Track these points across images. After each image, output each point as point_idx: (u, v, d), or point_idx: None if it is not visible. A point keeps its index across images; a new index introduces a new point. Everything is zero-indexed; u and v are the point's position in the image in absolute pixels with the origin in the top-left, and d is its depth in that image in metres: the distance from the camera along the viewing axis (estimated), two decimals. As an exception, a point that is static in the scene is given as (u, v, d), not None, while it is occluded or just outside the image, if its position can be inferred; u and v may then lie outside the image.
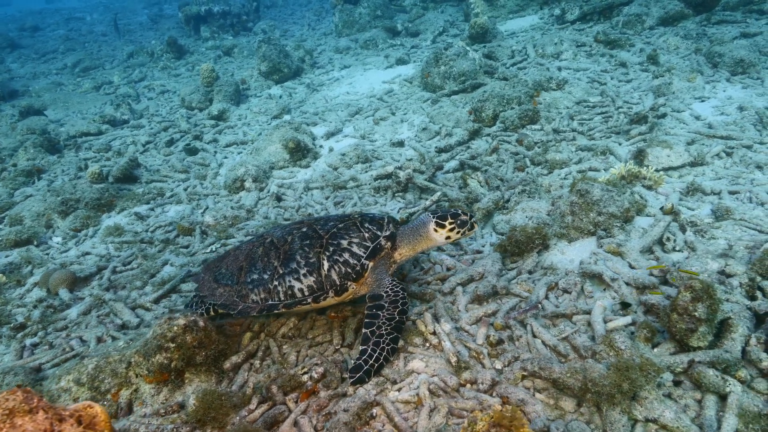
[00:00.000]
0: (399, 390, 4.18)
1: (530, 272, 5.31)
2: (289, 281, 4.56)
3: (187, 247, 6.84)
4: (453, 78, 11.12)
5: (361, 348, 4.31)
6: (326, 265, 4.55)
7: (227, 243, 6.75)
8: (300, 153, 8.94)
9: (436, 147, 8.69)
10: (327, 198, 7.68)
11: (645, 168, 6.67)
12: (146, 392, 4.37)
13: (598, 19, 14.38)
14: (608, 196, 5.49)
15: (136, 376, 4.40)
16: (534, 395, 3.90)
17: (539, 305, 4.68)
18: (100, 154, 10.31)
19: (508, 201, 6.67)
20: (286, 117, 11.21)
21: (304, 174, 8.68)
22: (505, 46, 12.91)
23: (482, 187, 7.28)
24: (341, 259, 4.57)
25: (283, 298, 4.58)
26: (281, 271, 4.61)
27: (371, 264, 4.62)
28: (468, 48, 11.62)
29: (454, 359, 4.24)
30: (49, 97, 15.01)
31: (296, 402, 4.17)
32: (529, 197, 6.55)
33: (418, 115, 10.35)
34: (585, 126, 8.69)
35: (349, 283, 4.55)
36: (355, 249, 4.62)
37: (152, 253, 6.68)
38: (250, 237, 6.58)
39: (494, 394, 3.93)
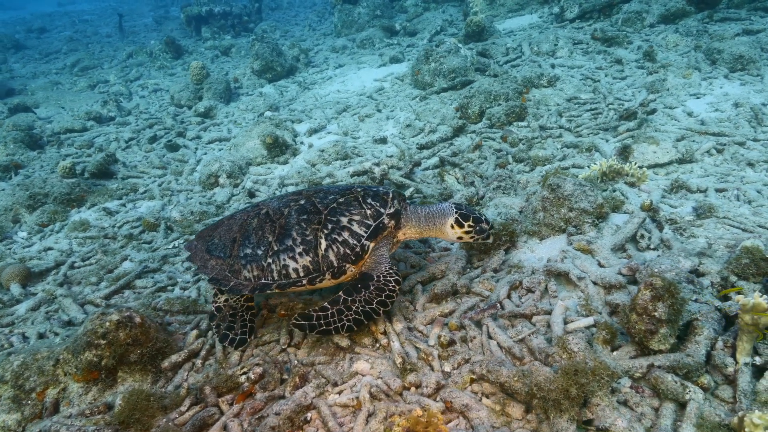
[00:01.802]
0: (340, 393, 3.91)
1: (495, 271, 5.01)
2: (284, 260, 4.25)
3: (150, 242, 6.62)
4: (443, 75, 10.85)
5: (324, 305, 4.09)
6: (324, 244, 4.23)
7: (190, 239, 6.51)
8: (278, 149, 8.70)
9: (417, 144, 8.42)
10: (300, 194, 7.43)
11: (627, 164, 6.34)
12: (74, 391, 4.12)
13: (598, 17, 14.03)
14: (580, 191, 5.18)
15: (65, 375, 4.16)
16: (481, 400, 3.62)
17: (498, 305, 4.38)
18: (81, 150, 10.15)
19: (482, 198, 6.38)
20: (267, 113, 10.99)
21: (281, 170, 8.44)
22: (499, 44, 12.61)
23: (459, 183, 6.99)
24: (340, 239, 4.24)
25: (276, 278, 4.29)
26: (276, 248, 4.30)
27: (372, 245, 4.29)
28: (460, 45, 11.33)
29: (399, 360, 3.96)
30: (43, 95, 14.95)
31: (230, 404, 3.92)
32: (504, 193, 6.25)
33: (405, 113, 10.08)
34: (573, 123, 8.36)
35: (347, 265, 4.24)
36: (355, 228, 4.28)
37: (114, 248, 6.46)
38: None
39: (438, 399, 3.65)
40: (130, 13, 34.76)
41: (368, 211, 4.35)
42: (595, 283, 4.49)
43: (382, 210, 4.39)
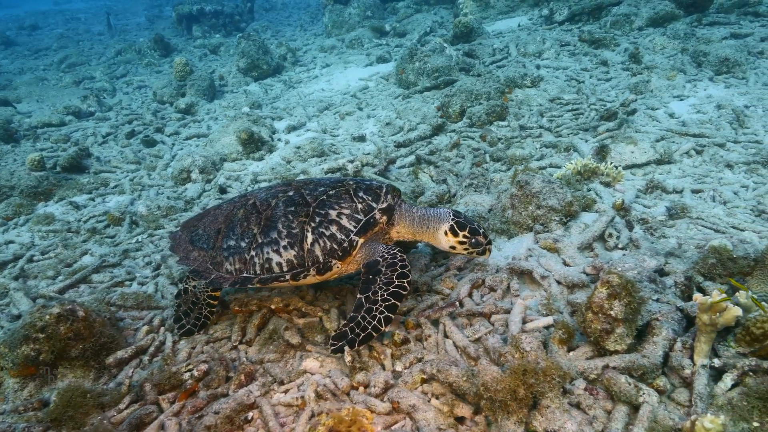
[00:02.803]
0: (285, 392, 3.74)
1: (459, 269, 4.85)
2: (268, 253, 4.05)
3: (113, 237, 6.45)
4: (426, 74, 10.71)
5: (350, 315, 3.80)
6: (310, 238, 3.99)
7: (154, 233, 6.36)
8: (253, 145, 8.54)
9: (395, 142, 8.27)
10: (272, 190, 7.28)
11: (603, 164, 6.20)
12: (9, 387, 3.95)
13: (587, 19, 13.94)
14: (548, 188, 5.03)
15: (0, 369, 3.98)
16: (430, 401, 3.45)
17: (456, 303, 4.22)
18: (57, 144, 9.96)
19: (454, 195, 6.23)
20: (245, 109, 10.83)
21: (256, 167, 8.27)
22: (486, 45, 12.49)
23: (433, 181, 6.84)
24: (327, 233, 4.00)
25: (259, 272, 4.07)
26: (260, 240, 4.09)
27: (361, 241, 4.02)
28: (445, 44, 11.21)
29: (349, 359, 3.79)
30: (26, 90, 14.77)
31: (172, 402, 3.75)
32: (476, 191, 6.10)
33: (386, 111, 9.94)
34: (554, 123, 8.23)
35: (333, 261, 3.98)
36: (344, 222, 4.03)
37: (75, 242, 6.29)
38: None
39: (385, 399, 3.49)
40: (123, 12, 34.66)
41: (359, 205, 4.11)
42: (558, 282, 4.34)
43: (374, 204, 4.14)
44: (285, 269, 4.03)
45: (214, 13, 21.64)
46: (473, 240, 4.06)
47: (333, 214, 4.06)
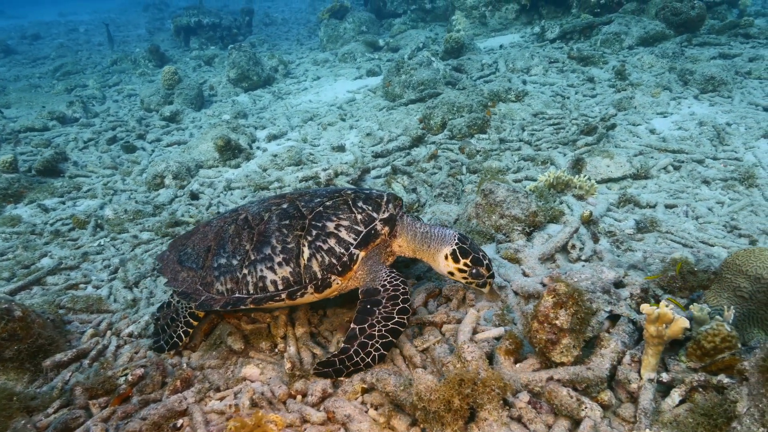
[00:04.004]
0: (221, 399, 3.59)
1: (419, 278, 4.71)
2: (261, 270, 3.74)
3: (75, 240, 6.33)
4: (412, 87, 10.65)
5: (343, 345, 3.55)
6: (307, 253, 3.71)
7: (117, 237, 6.24)
8: (230, 152, 8.44)
9: (372, 152, 8.17)
10: (244, 197, 7.16)
11: (576, 177, 6.09)
12: (-63, 388, 3.79)
13: (579, 37, 13.93)
14: (513, 198, 4.90)
15: (-71, 369, 3.83)
16: (367, 411, 3.29)
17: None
18: (38, 148, 9.88)
19: (423, 205, 6.11)
20: (225, 116, 10.77)
21: (232, 174, 8.17)
22: (475, 60, 12.47)
23: (405, 190, 6.72)
24: (326, 247, 3.72)
25: (252, 291, 3.76)
26: (253, 257, 3.79)
27: (362, 254, 3.75)
28: (433, 58, 11.17)
29: (288, 366, 3.64)
30: (16, 96, 14.75)
31: (103, 407, 3.59)
32: (444, 201, 5.98)
33: (369, 122, 9.86)
34: (534, 137, 8.13)
35: (333, 277, 3.69)
36: (343, 234, 3.77)
37: (36, 244, 6.17)
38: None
39: (321, 408, 3.33)
40: (126, 24, 34.87)
41: (359, 216, 3.84)
42: (516, 293, 4.20)
43: (374, 215, 3.86)
44: (280, 287, 3.72)
45: (211, 26, 21.73)
46: (474, 270, 3.75)
47: (331, 226, 3.79)
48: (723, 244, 4.88)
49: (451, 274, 3.83)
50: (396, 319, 3.54)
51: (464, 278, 3.82)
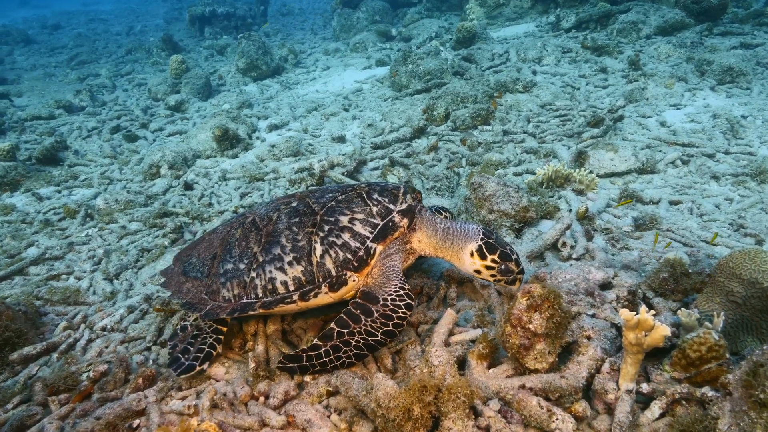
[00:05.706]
0: (183, 398, 3.45)
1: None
2: (270, 272, 3.51)
3: (65, 229, 6.26)
4: (419, 77, 10.41)
5: (314, 341, 3.34)
6: (319, 249, 3.47)
7: (105, 227, 6.15)
8: (228, 142, 8.31)
9: (372, 143, 7.97)
10: (238, 188, 7.03)
11: (576, 171, 5.82)
12: None
13: (595, 27, 13.51)
14: (503, 192, 4.68)
15: None
16: (330, 416, 3.12)
17: (384, 310, 3.88)
18: (42, 137, 9.88)
19: (416, 198, 5.89)
20: (225, 106, 10.64)
21: (229, 164, 8.04)
22: (486, 50, 12.15)
23: (400, 182, 6.52)
24: (339, 242, 3.48)
25: (261, 295, 3.51)
26: (261, 259, 3.56)
27: (380, 248, 3.49)
28: (441, 47, 10.91)
29: (253, 365, 3.49)
30: (28, 84, 14.84)
31: (63, 404, 3.48)
32: (437, 194, 5.77)
33: (373, 113, 9.66)
34: (539, 128, 7.86)
35: (348, 274, 3.44)
36: (358, 228, 3.52)
37: (25, 233, 6.11)
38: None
39: (282, 412, 3.17)
40: (145, 14, 35.03)
41: (374, 209, 3.59)
42: (499, 293, 3.99)
43: (391, 206, 3.61)
44: (292, 288, 3.47)
45: (226, 15, 21.64)
46: (503, 266, 3.50)
47: (344, 220, 3.55)
48: (727, 243, 4.59)
49: (478, 272, 3.59)
50: (379, 338, 3.30)
51: (492, 275, 3.57)
